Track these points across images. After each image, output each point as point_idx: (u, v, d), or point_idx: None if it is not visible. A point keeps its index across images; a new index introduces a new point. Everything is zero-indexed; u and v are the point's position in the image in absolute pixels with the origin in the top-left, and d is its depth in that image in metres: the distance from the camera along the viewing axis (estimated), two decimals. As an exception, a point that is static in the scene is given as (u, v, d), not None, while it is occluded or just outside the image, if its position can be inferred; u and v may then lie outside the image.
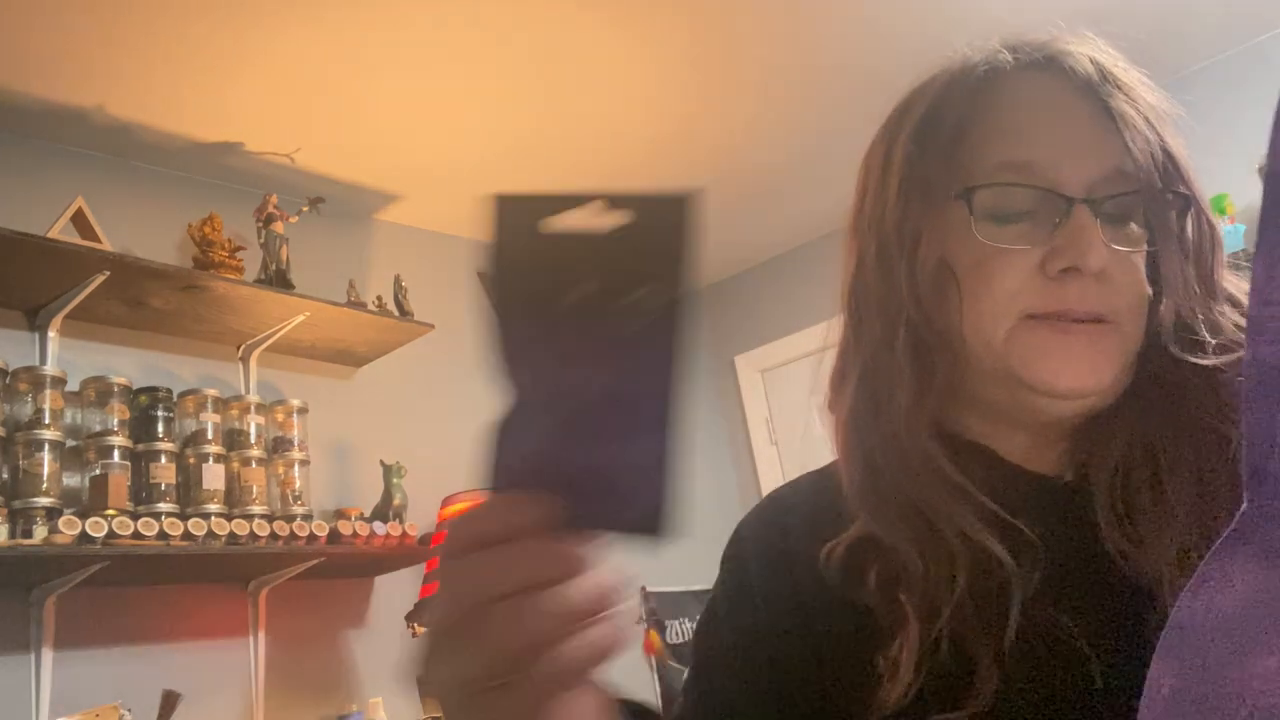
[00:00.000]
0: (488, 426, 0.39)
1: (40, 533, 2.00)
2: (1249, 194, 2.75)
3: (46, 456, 2.10)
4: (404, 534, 2.56)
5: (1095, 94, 0.64)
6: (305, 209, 2.70)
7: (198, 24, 2.22)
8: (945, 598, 0.60)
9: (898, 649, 0.60)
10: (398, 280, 2.85)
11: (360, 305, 2.70)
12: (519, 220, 0.38)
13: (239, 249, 2.56)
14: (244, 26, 2.25)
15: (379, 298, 2.78)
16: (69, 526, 1.99)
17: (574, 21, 2.41)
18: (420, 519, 2.63)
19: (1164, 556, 0.58)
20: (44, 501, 2.06)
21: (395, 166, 2.91)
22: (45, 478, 2.08)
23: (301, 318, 2.57)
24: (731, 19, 2.49)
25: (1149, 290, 0.64)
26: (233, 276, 2.47)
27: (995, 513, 0.62)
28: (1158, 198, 0.63)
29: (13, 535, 1.98)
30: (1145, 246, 0.63)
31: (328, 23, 2.28)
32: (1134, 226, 0.64)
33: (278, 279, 2.55)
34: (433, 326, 2.83)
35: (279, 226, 2.60)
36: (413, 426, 2.96)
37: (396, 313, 2.78)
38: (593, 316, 0.37)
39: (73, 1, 2.09)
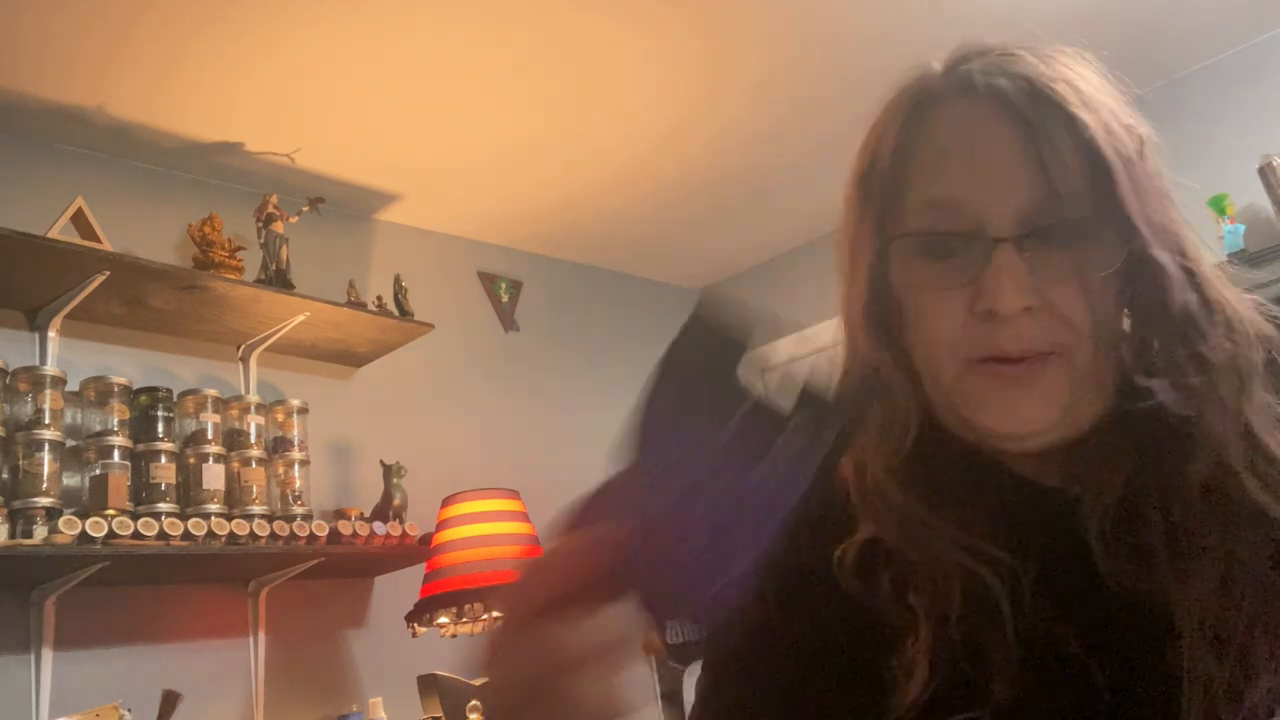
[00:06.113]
0: (609, 469, 0.40)
1: (40, 533, 2.00)
2: (1249, 194, 2.75)
3: (46, 456, 2.10)
4: (404, 534, 2.56)
5: (1024, 118, 0.61)
6: (305, 209, 2.70)
7: (198, 24, 2.22)
8: (952, 601, 0.61)
9: (914, 649, 0.60)
10: (398, 280, 2.85)
11: (360, 305, 2.70)
12: (714, 321, 0.41)
13: (239, 249, 2.56)
14: (244, 27, 2.25)
15: (379, 298, 2.78)
16: (69, 526, 1.99)
17: (574, 22, 2.41)
18: (420, 519, 2.63)
19: (1154, 577, 0.59)
20: (44, 501, 2.06)
21: (395, 166, 2.91)
22: (45, 478, 2.08)
23: (301, 318, 2.57)
24: (732, 20, 2.49)
25: (1113, 310, 0.63)
26: (233, 276, 2.47)
27: (992, 521, 0.62)
28: (1086, 226, 0.61)
29: (13, 535, 1.98)
30: (1099, 270, 0.61)
31: (328, 23, 2.28)
32: (1078, 251, 0.61)
33: (278, 279, 2.55)
34: (433, 326, 2.84)
35: (279, 226, 2.60)
36: (413, 426, 2.95)
37: (396, 313, 2.78)
38: (761, 425, 0.40)
39: (73, 1, 2.09)
